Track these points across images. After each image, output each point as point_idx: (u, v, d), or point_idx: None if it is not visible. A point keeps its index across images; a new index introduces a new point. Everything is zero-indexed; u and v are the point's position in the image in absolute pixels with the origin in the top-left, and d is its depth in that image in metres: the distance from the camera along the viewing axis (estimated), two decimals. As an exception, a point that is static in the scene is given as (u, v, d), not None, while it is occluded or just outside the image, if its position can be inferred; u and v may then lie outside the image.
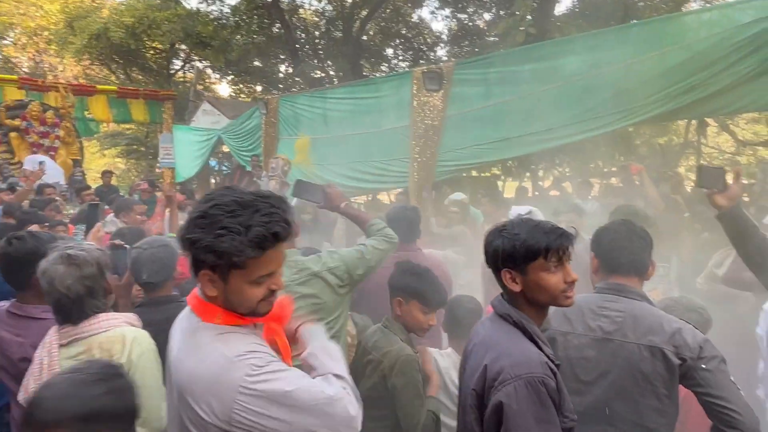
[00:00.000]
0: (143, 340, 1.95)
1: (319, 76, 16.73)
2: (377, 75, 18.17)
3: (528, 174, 11.99)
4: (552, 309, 1.95)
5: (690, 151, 11.99)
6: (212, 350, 1.28)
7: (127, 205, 4.90)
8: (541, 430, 1.48)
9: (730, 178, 2.33)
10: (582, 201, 6.68)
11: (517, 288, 1.63)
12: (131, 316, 2.04)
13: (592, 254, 2.09)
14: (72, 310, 1.90)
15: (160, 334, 1.70)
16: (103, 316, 1.95)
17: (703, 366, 1.79)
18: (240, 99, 19.48)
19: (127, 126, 19.64)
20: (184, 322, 1.42)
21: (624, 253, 2.00)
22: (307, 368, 1.43)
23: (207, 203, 1.30)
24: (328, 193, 2.69)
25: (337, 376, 1.39)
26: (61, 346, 1.88)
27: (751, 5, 5.15)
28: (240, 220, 1.25)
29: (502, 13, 12.20)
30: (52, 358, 1.85)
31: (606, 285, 2.02)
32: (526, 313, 1.66)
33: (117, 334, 1.92)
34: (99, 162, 25.46)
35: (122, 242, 2.86)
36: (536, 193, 10.35)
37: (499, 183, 12.57)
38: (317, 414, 1.27)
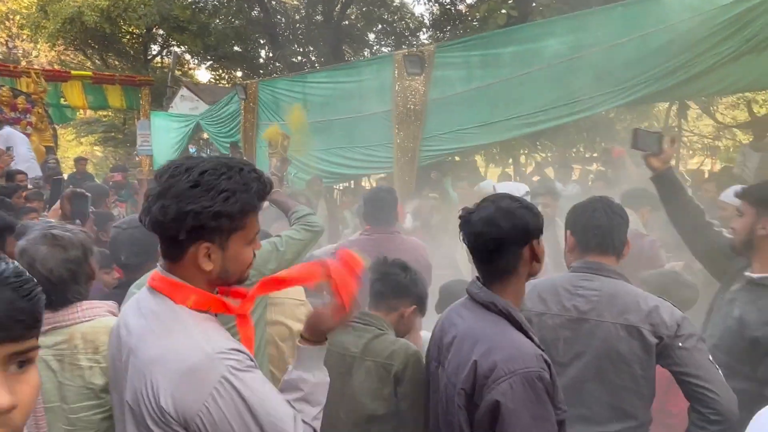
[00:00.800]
0: None
1: (299, 61, 16.49)
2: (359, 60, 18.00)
3: (511, 160, 11.98)
4: (532, 288, 1.91)
5: (670, 136, 12.06)
6: (189, 340, 1.20)
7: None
8: (537, 428, 1.42)
9: (666, 143, 2.43)
10: (563, 185, 6.69)
11: (535, 266, 1.63)
12: (112, 304, 1.90)
13: (569, 232, 2.04)
14: (53, 295, 1.73)
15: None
16: (86, 303, 1.80)
17: (680, 344, 1.75)
18: (219, 85, 19.17)
19: (104, 113, 19.25)
20: (144, 304, 1.31)
21: (601, 231, 1.95)
22: (287, 386, 1.36)
23: (189, 173, 1.22)
24: None
25: (307, 424, 1.30)
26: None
27: None
28: (237, 179, 1.23)
29: (484, -4, 12.06)
30: None
31: (582, 264, 1.97)
32: (508, 298, 1.59)
33: (102, 325, 1.78)
34: (75, 150, 24.95)
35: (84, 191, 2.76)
36: (517, 178, 10.35)
37: (481, 169, 12.56)
38: None
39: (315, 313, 1.41)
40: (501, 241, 1.56)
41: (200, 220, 1.21)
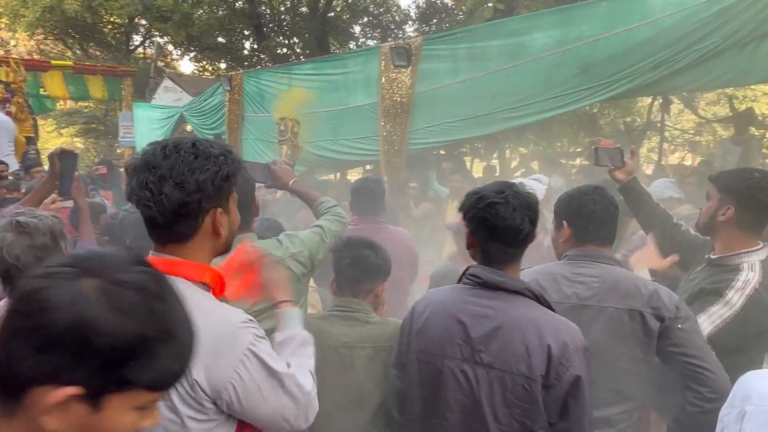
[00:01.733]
0: None
1: (284, 52, 16.37)
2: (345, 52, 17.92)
3: (495, 154, 12.04)
4: (528, 278, 1.93)
5: (653, 131, 12.22)
6: (213, 313, 1.25)
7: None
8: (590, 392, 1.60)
9: (627, 156, 2.55)
10: (548, 177, 6.74)
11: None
12: None
13: (565, 223, 2.05)
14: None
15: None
16: None
17: (680, 326, 1.81)
18: (203, 76, 18.97)
19: (85, 104, 18.93)
20: None
21: (602, 224, 1.99)
22: (281, 347, 1.48)
23: (179, 148, 1.25)
24: (274, 171, 2.45)
25: (311, 373, 1.44)
26: None
27: None
28: (219, 146, 1.30)
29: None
30: None
31: (579, 252, 2.00)
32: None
33: None
34: (56, 141, 24.51)
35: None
36: (496, 174, 10.39)
37: (467, 159, 12.60)
38: (295, 402, 1.32)
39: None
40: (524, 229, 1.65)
41: (217, 184, 1.26)
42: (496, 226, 1.62)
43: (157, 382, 0.79)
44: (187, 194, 1.23)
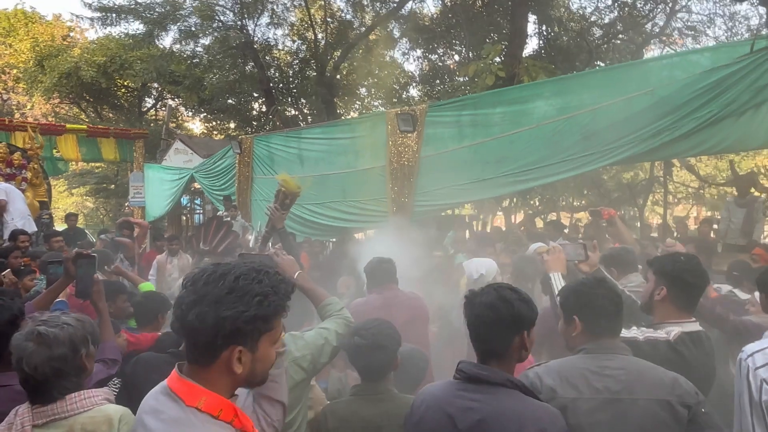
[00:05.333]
0: (129, 418, 1.82)
1: (293, 114, 16.82)
2: (351, 113, 18.42)
3: (500, 211, 12.16)
4: (555, 375, 1.99)
5: (657, 187, 12.35)
6: None
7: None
8: None
9: (590, 249, 2.81)
10: (553, 240, 6.79)
11: (524, 354, 1.88)
12: (108, 392, 1.93)
13: (575, 318, 2.09)
14: (38, 390, 1.80)
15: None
16: (83, 393, 1.84)
17: (703, 410, 1.88)
18: (213, 137, 19.42)
19: (97, 164, 19.34)
20: (162, 407, 1.33)
21: (611, 318, 2.06)
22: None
23: (223, 279, 1.29)
24: (278, 264, 2.37)
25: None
26: (35, 426, 1.77)
27: (708, 50, 5.73)
28: (266, 283, 1.31)
29: (471, 55, 12.54)
30: None
31: (597, 345, 2.04)
32: None
33: (101, 414, 1.81)
34: (67, 201, 24.93)
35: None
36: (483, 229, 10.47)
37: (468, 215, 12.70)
38: None
39: None
40: (499, 325, 1.78)
41: (237, 325, 1.26)
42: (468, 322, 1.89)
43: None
44: (204, 327, 1.25)
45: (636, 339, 2.14)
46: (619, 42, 13.36)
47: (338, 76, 16.84)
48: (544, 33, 13.17)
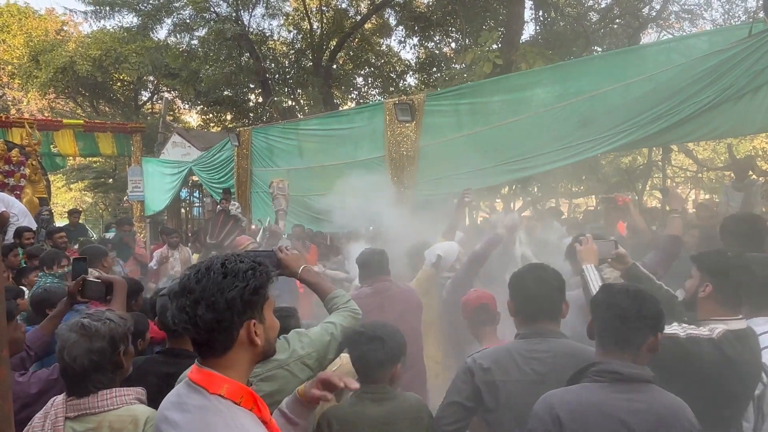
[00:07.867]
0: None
1: (289, 105, 16.77)
2: (348, 103, 18.35)
3: (498, 199, 12.17)
4: (489, 359, 2.10)
5: (655, 172, 12.35)
6: None
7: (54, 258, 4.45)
8: None
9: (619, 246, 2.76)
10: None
11: None
12: (140, 391, 1.95)
13: (510, 300, 2.24)
14: (74, 381, 1.84)
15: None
16: (115, 391, 1.86)
17: None
18: (210, 130, 19.36)
19: (95, 159, 19.30)
20: (186, 399, 1.38)
21: (537, 300, 2.15)
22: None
23: (210, 270, 1.36)
24: (282, 259, 2.27)
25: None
26: (67, 418, 1.80)
27: (706, 34, 5.78)
28: (247, 261, 1.41)
29: (467, 42, 12.49)
30: (56, 430, 1.78)
31: (529, 330, 2.16)
32: None
33: (129, 414, 1.83)
34: (65, 196, 24.89)
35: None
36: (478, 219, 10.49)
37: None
38: None
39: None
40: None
41: (245, 298, 1.35)
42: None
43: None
44: (219, 313, 1.32)
45: (677, 335, 2.10)
46: (616, 26, 13.30)
47: (335, 66, 16.77)
48: (541, 18, 13.11)
